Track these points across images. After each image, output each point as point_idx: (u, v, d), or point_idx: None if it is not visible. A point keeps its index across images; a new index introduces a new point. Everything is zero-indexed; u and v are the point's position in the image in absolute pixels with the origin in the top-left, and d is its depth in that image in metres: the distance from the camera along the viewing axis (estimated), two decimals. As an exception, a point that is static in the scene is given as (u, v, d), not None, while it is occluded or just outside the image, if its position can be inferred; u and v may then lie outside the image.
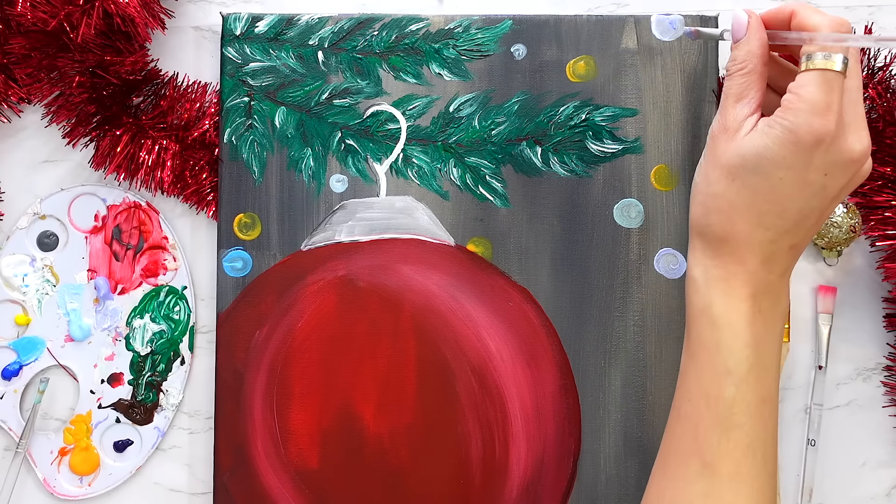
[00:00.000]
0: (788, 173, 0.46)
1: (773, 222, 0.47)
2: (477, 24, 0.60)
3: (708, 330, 0.48)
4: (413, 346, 0.59)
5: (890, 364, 0.61)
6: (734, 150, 0.47)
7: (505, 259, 0.60)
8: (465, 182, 0.60)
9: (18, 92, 0.61)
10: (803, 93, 0.45)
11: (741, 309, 0.48)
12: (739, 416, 0.47)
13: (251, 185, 0.60)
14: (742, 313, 0.48)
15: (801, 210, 0.47)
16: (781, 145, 0.46)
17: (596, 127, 0.60)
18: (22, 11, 0.57)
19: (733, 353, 0.47)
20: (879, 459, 0.61)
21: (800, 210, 0.47)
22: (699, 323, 0.49)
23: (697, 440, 0.48)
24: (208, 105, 0.61)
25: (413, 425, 0.59)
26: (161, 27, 0.61)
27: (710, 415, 0.47)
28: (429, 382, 0.59)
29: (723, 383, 0.47)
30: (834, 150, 0.46)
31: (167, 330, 0.61)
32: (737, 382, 0.47)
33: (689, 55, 0.60)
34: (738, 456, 0.47)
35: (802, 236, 0.48)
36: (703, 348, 0.48)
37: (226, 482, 0.59)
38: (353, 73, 0.60)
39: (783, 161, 0.46)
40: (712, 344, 0.48)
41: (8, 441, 0.62)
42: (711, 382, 0.48)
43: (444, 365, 0.59)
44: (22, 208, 0.62)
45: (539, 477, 0.58)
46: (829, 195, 0.47)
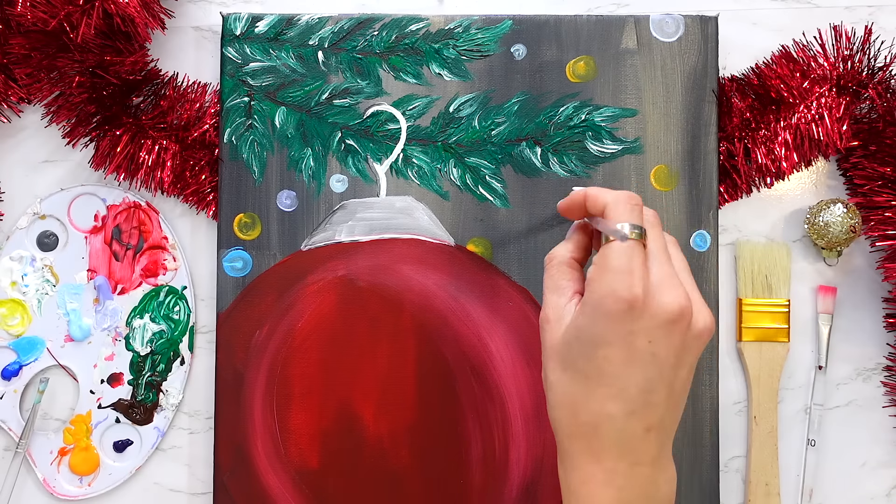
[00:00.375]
0: (611, 350, 0.43)
1: (616, 405, 0.44)
2: (477, 25, 0.60)
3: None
4: (413, 346, 0.59)
5: (890, 364, 0.61)
6: (559, 338, 0.46)
7: (505, 259, 0.60)
8: (465, 182, 0.60)
9: (18, 92, 0.61)
10: (603, 262, 0.44)
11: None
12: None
13: (251, 185, 0.60)
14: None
15: (639, 385, 0.44)
16: (594, 321, 0.44)
17: (596, 127, 0.60)
18: (22, 11, 0.57)
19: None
20: (879, 459, 0.61)
21: (638, 385, 0.43)
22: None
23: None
24: (208, 105, 0.61)
25: (413, 425, 0.59)
26: (161, 27, 0.61)
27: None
28: (429, 382, 0.59)
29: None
30: (647, 314, 0.43)
31: (167, 330, 0.61)
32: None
33: (689, 55, 0.60)
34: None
35: (656, 416, 0.44)
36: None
37: (226, 482, 0.59)
38: (353, 73, 0.60)
39: (601, 338, 0.43)
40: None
41: (8, 441, 0.62)
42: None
43: (444, 365, 0.59)
44: (22, 208, 0.62)
45: (539, 477, 0.58)
46: (664, 363, 0.44)
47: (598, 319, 0.44)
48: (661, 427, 0.45)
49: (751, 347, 0.60)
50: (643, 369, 0.44)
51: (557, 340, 0.46)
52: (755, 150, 0.59)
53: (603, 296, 0.43)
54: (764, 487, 0.59)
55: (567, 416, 0.45)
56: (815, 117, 0.59)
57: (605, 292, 0.43)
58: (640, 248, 0.44)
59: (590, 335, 0.44)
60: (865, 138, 0.60)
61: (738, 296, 0.61)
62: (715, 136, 0.60)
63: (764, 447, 0.60)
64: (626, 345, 0.43)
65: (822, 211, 0.59)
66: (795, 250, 0.62)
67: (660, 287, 0.44)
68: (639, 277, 0.43)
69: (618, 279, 0.43)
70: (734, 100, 0.60)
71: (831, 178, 0.62)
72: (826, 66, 0.59)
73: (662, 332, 0.43)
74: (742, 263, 0.61)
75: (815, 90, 0.59)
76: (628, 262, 0.44)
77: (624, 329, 0.43)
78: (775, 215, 0.62)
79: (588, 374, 0.44)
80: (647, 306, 0.43)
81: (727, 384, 0.61)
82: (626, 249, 0.44)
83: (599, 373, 0.44)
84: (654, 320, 0.43)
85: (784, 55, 0.60)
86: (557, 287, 0.48)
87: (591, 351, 0.44)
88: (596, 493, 0.44)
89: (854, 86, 0.59)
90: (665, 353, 0.44)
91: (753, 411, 0.60)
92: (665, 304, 0.43)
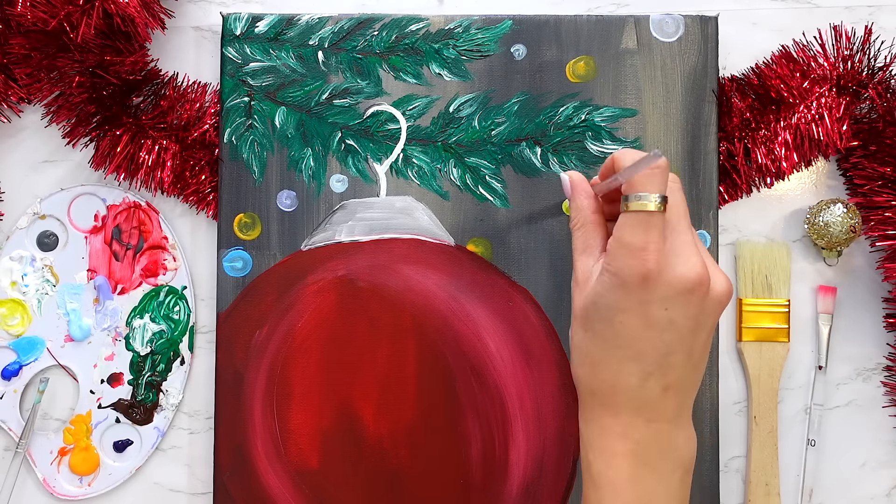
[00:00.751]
0: (627, 315, 0.45)
1: (633, 367, 0.46)
2: (477, 25, 0.60)
3: (591, 490, 0.46)
4: (413, 346, 0.59)
5: (890, 364, 0.61)
6: (582, 301, 0.47)
7: (505, 259, 0.60)
8: (465, 182, 0.60)
9: (18, 92, 0.61)
10: (619, 235, 0.45)
11: (620, 467, 0.45)
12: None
13: (251, 185, 0.60)
14: (621, 471, 0.45)
15: (656, 349, 0.45)
16: (611, 290, 0.45)
17: (595, 127, 0.60)
18: (22, 11, 0.57)
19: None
20: (879, 459, 0.61)
21: (655, 349, 0.45)
22: (584, 481, 0.47)
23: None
24: (208, 105, 0.61)
25: (413, 425, 0.59)
26: (161, 27, 0.61)
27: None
28: (429, 382, 0.59)
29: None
30: (663, 283, 0.44)
31: (167, 330, 0.61)
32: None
33: (689, 55, 0.60)
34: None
35: (675, 376, 0.46)
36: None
37: (226, 482, 0.59)
38: (353, 73, 0.60)
39: (617, 304, 0.45)
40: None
41: (8, 441, 0.62)
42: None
43: (444, 365, 0.59)
44: (22, 208, 0.62)
45: (539, 477, 0.58)
46: (682, 328, 0.45)
47: (614, 289, 0.45)
48: (680, 387, 0.46)
49: (751, 347, 0.60)
50: (660, 334, 0.45)
51: (580, 303, 0.47)
52: (755, 150, 0.59)
53: (619, 268, 0.45)
54: (764, 487, 0.59)
55: (588, 373, 0.47)
56: (815, 117, 0.59)
57: (620, 265, 0.45)
58: (657, 218, 0.45)
59: (607, 301, 0.46)
60: (865, 138, 0.60)
61: (738, 296, 0.61)
62: (715, 136, 0.60)
63: (764, 447, 0.60)
64: (643, 313, 0.45)
65: (822, 211, 0.59)
66: (795, 250, 0.62)
67: (676, 256, 0.45)
68: (654, 251, 0.44)
69: (632, 254, 0.44)
70: (734, 100, 0.60)
71: (831, 178, 0.62)
72: (826, 66, 0.59)
73: (680, 300, 0.45)
74: (742, 263, 0.61)
75: (815, 90, 0.59)
76: (643, 235, 0.44)
77: (639, 299, 0.45)
78: (775, 215, 0.62)
79: (606, 337, 0.46)
80: (662, 276, 0.44)
81: (727, 384, 0.61)
82: (641, 223, 0.44)
83: (617, 336, 0.46)
84: (670, 289, 0.44)
85: (784, 55, 0.60)
86: (587, 247, 0.49)
87: (610, 315, 0.46)
88: (612, 445, 0.46)
89: (854, 86, 0.59)
90: (683, 319, 0.45)
91: (753, 411, 0.60)
92: (682, 274, 0.45)
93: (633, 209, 0.45)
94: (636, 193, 0.45)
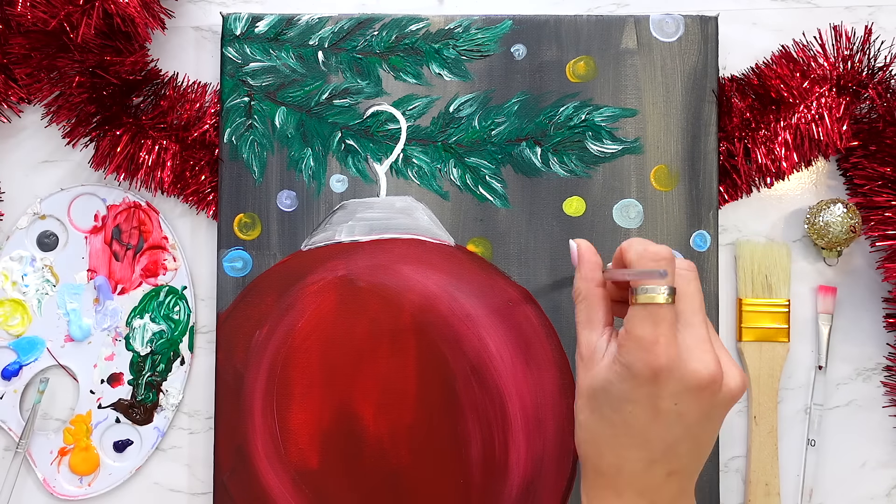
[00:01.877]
0: (637, 406, 0.45)
1: (639, 454, 0.46)
2: (477, 25, 0.60)
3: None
4: (413, 346, 0.59)
5: (890, 364, 0.61)
6: (590, 382, 0.47)
7: (505, 259, 0.60)
8: (465, 182, 0.60)
9: (18, 92, 0.61)
10: (630, 328, 0.45)
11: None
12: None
13: (251, 185, 0.60)
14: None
15: (664, 439, 0.45)
16: (622, 381, 0.45)
17: (595, 127, 0.60)
18: (22, 11, 0.57)
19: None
20: (879, 459, 0.61)
21: (663, 439, 0.45)
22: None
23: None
24: (208, 105, 0.61)
25: (413, 425, 0.59)
26: (161, 27, 0.61)
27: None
28: (429, 382, 0.59)
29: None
30: (675, 379, 0.44)
31: (167, 330, 0.61)
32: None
33: (689, 55, 0.60)
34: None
35: (680, 463, 0.46)
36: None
37: (226, 482, 0.59)
38: (353, 73, 0.60)
39: (628, 395, 0.45)
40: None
41: (8, 441, 0.62)
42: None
43: (444, 365, 0.59)
44: (22, 208, 0.62)
45: (539, 477, 0.58)
46: (691, 422, 0.45)
47: (626, 380, 0.45)
48: (685, 472, 0.46)
49: (751, 347, 0.60)
50: (668, 427, 0.45)
51: (589, 383, 0.47)
52: (755, 150, 0.59)
53: (631, 362, 0.44)
54: (764, 487, 0.59)
55: (594, 453, 0.47)
56: (815, 117, 0.59)
57: (632, 359, 0.44)
58: (666, 311, 0.44)
59: (618, 391, 0.45)
60: (865, 138, 0.60)
61: (738, 296, 0.61)
62: (715, 136, 0.60)
63: (764, 447, 0.60)
64: (652, 405, 0.45)
65: (822, 211, 0.59)
66: (795, 250, 0.62)
67: (690, 352, 0.45)
68: (665, 345, 0.44)
69: (643, 348, 0.44)
70: (734, 100, 0.60)
71: (831, 178, 0.62)
72: (826, 66, 0.59)
73: (690, 395, 0.44)
74: (742, 263, 0.61)
75: (815, 90, 0.59)
76: (653, 330, 0.44)
77: (649, 392, 0.44)
78: (775, 215, 0.62)
79: (614, 422, 0.46)
80: (674, 372, 0.44)
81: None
82: (651, 317, 0.44)
83: (625, 423, 0.45)
84: (681, 384, 0.44)
85: (784, 55, 0.60)
86: (590, 321, 0.48)
87: (618, 405, 0.45)
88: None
89: (854, 86, 0.59)
90: (693, 414, 0.45)
91: (753, 411, 0.60)
92: (693, 370, 0.44)
93: (642, 301, 0.44)
94: (643, 286, 0.45)
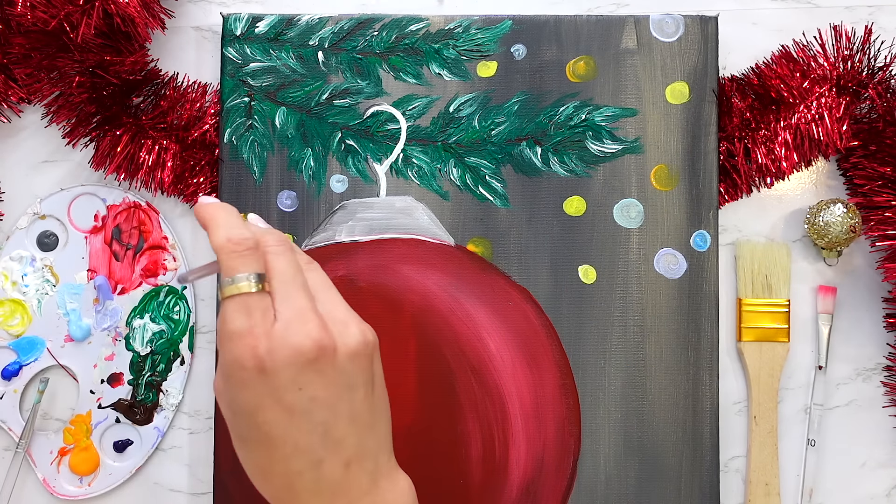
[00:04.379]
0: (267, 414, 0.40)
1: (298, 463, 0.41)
2: (477, 25, 0.60)
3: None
4: (413, 346, 0.59)
5: (890, 364, 0.61)
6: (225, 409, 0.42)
7: (505, 259, 0.60)
8: (465, 182, 0.60)
9: (18, 92, 0.61)
10: (223, 327, 0.41)
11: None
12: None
13: (251, 186, 0.60)
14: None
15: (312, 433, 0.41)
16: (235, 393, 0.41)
17: (596, 127, 0.60)
18: (22, 11, 0.57)
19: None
20: (879, 459, 0.61)
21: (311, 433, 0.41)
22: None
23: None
24: (208, 105, 0.61)
25: (413, 425, 0.59)
26: (161, 27, 0.61)
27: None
28: (429, 382, 0.59)
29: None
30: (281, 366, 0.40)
31: (167, 330, 0.61)
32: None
33: (689, 55, 0.60)
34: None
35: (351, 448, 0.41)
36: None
37: (226, 482, 0.59)
38: (353, 73, 0.60)
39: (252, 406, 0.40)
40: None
41: (8, 441, 0.62)
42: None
43: (444, 365, 0.59)
44: (22, 208, 0.62)
45: (539, 477, 0.58)
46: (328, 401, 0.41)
47: (237, 390, 0.41)
48: (363, 455, 0.42)
49: (751, 347, 0.60)
50: (307, 417, 0.41)
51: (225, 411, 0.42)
52: (755, 150, 0.59)
53: (230, 368, 0.40)
54: (764, 487, 0.59)
55: (262, 483, 0.42)
56: (815, 117, 0.59)
57: (230, 362, 0.40)
58: (258, 299, 0.41)
59: (241, 406, 0.41)
60: (865, 138, 0.60)
61: (738, 296, 0.61)
62: (715, 136, 0.60)
63: (764, 447, 0.60)
64: (277, 403, 0.40)
65: (822, 211, 0.59)
66: (795, 250, 0.62)
67: (288, 329, 0.40)
68: (261, 334, 0.40)
69: (238, 345, 0.40)
70: (734, 100, 0.60)
71: (831, 178, 0.62)
72: (826, 66, 0.59)
73: (309, 373, 0.40)
74: (742, 263, 0.61)
75: (815, 90, 0.59)
76: (246, 320, 0.40)
77: (266, 390, 0.40)
78: (775, 215, 0.62)
79: (259, 441, 0.41)
80: (278, 357, 0.40)
81: (727, 384, 0.61)
82: (242, 306, 0.41)
83: (268, 437, 0.41)
84: (294, 367, 0.40)
85: (784, 55, 0.60)
86: None
87: (251, 420, 0.41)
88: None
89: (854, 86, 0.59)
90: (323, 391, 0.41)
91: (753, 411, 0.60)
92: (298, 346, 0.40)
93: (230, 294, 0.41)
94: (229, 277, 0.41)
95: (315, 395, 0.41)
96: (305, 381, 0.40)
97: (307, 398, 0.40)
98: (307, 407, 0.41)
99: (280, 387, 0.40)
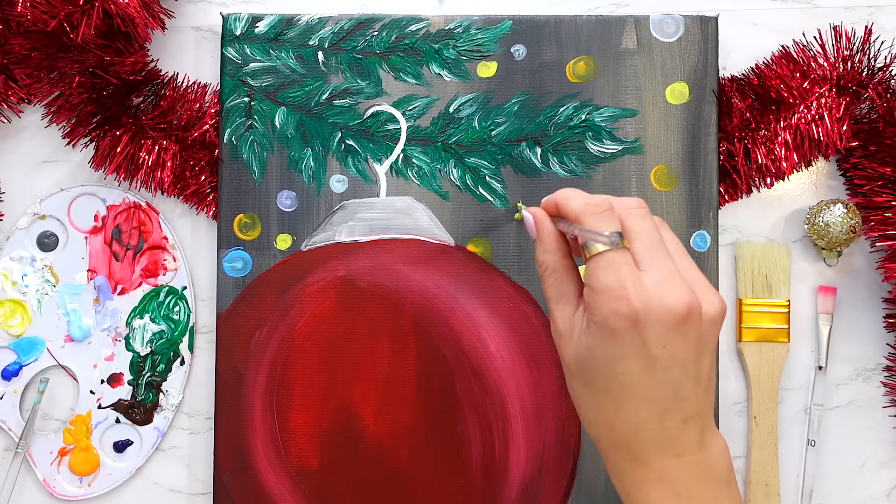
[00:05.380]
0: (628, 364, 0.43)
1: (647, 412, 0.43)
2: (477, 25, 0.60)
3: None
4: (413, 346, 0.59)
5: (890, 364, 0.61)
6: (573, 354, 0.45)
7: (505, 259, 0.60)
8: (464, 182, 0.60)
9: (18, 92, 0.61)
10: (593, 283, 0.43)
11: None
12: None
13: (251, 186, 0.60)
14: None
15: (665, 388, 0.43)
16: (603, 341, 0.43)
17: (596, 127, 0.60)
18: (22, 11, 0.57)
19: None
20: (879, 459, 0.61)
21: (664, 388, 0.43)
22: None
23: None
24: (208, 105, 0.61)
25: (413, 425, 0.59)
26: (161, 27, 0.61)
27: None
28: (429, 382, 0.59)
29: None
30: (655, 321, 0.42)
31: (167, 330, 0.61)
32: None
33: (689, 55, 0.60)
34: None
35: (691, 407, 0.44)
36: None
37: (226, 482, 0.59)
38: (353, 73, 0.60)
39: (615, 355, 0.43)
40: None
41: (8, 441, 0.62)
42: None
43: (444, 365, 0.59)
44: (22, 208, 0.62)
45: (539, 477, 0.58)
46: (685, 360, 0.43)
47: (606, 339, 0.43)
48: (699, 414, 0.44)
49: (751, 347, 0.60)
50: (665, 373, 0.43)
51: (574, 357, 0.45)
52: (755, 150, 0.59)
53: (604, 317, 0.43)
54: (764, 487, 0.59)
55: (604, 430, 0.45)
56: (815, 117, 0.59)
57: (604, 313, 0.43)
58: (624, 256, 0.43)
59: (603, 354, 0.43)
60: (865, 138, 0.60)
61: (738, 296, 0.61)
62: (715, 136, 0.60)
63: (764, 447, 0.60)
64: (642, 356, 0.43)
65: (822, 211, 0.59)
66: (795, 250, 0.62)
67: (660, 288, 0.43)
68: (633, 289, 0.42)
69: (613, 297, 0.42)
70: (734, 100, 0.60)
71: (831, 178, 0.62)
72: (826, 67, 0.59)
73: (675, 333, 0.43)
74: (742, 264, 0.61)
75: (815, 90, 0.59)
76: (616, 276, 0.42)
77: (635, 342, 0.42)
78: (775, 215, 0.62)
79: (611, 389, 0.44)
80: (651, 313, 0.42)
81: (727, 384, 0.61)
82: (610, 264, 0.43)
83: (622, 387, 0.43)
84: (662, 325, 0.42)
85: (784, 55, 0.60)
86: (561, 295, 0.46)
87: (609, 368, 0.43)
88: (652, 494, 0.44)
89: (854, 86, 0.59)
90: (683, 351, 0.43)
91: (753, 411, 0.60)
92: (670, 307, 0.42)
93: (597, 252, 0.43)
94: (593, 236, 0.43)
95: (675, 353, 0.43)
96: (670, 340, 0.43)
97: (668, 355, 0.43)
98: (666, 364, 0.43)
99: (648, 341, 0.42)
